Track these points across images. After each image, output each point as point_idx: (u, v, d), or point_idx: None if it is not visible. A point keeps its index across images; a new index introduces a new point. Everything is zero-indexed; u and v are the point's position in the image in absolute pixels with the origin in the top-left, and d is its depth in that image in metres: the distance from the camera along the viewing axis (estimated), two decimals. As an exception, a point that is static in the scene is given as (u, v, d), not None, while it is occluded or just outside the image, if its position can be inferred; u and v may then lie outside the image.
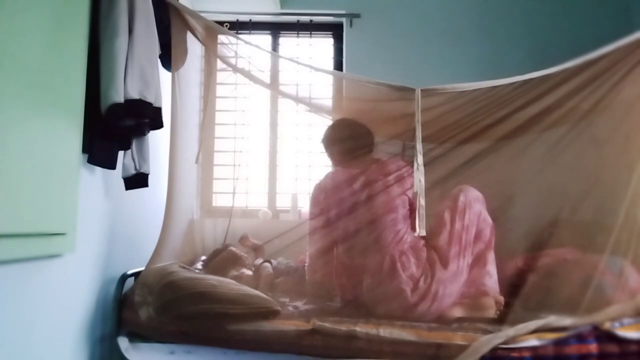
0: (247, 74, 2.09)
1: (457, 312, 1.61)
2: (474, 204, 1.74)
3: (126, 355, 1.46)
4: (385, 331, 1.45)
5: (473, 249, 1.69)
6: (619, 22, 2.69)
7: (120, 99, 1.39)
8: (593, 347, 1.41)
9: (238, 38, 2.01)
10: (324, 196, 1.80)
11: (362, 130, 1.93)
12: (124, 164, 1.66)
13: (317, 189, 1.85)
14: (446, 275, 1.61)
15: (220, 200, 2.75)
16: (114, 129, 1.47)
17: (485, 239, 1.72)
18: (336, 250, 1.77)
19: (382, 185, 1.74)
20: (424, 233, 1.53)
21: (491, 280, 1.68)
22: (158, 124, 1.66)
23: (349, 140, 1.94)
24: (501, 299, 1.66)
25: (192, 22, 1.86)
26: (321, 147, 2.05)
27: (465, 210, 1.71)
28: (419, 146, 1.61)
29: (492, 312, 1.62)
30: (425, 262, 1.63)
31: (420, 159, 1.59)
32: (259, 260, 2.15)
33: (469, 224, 1.70)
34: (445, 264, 1.62)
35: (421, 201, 1.55)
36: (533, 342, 1.41)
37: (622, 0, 2.75)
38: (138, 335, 1.53)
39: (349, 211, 1.73)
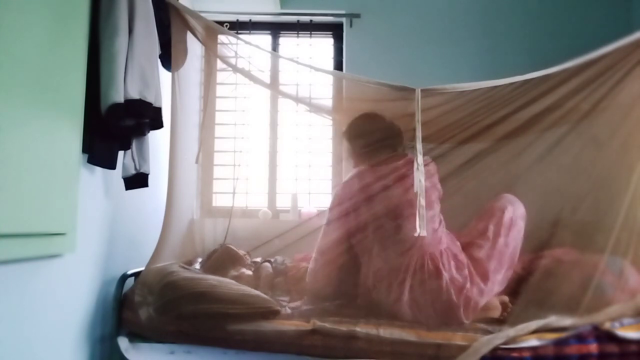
0: (247, 74, 2.09)
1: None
2: (519, 221, 1.72)
3: (126, 355, 1.46)
4: (385, 331, 1.45)
5: (509, 265, 1.68)
6: (619, 22, 2.69)
7: (120, 99, 1.39)
8: (593, 347, 1.41)
9: (238, 38, 2.01)
10: (351, 197, 1.72)
11: (394, 129, 1.88)
12: (124, 164, 1.66)
13: (345, 189, 1.76)
14: (485, 289, 1.59)
15: (220, 200, 2.75)
16: (114, 129, 1.46)
17: (516, 259, 1.70)
18: (365, 255, 1.71)
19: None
20: (424, 233, 1.52)
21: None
22: (158, 124, 1.66)
23: (380, 135, 1.86)
24: (506, 298, 1.66)
25: (192, 22, 1.86)
26: (322, 147, 2.03)
27: (510, 227, 1.69)
28: (419, 146, 1.60)
29: (497, 313, 1.61)
30: (466, 269, 1.60)
31: (420, 159, 1.58)
32: (259, 260, 2.14)
33: (511, 241, 1.68)
34: (485, 279, 1.60)
35: (421, 201, 1.54)
36: (533, 342, 1.41)
37: (622, 0, 2.75)
38: (138, 335, 1.53)
39: (381, 209, 1.67)
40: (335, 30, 2.92)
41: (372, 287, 1.66)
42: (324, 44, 2.96)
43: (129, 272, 1.69)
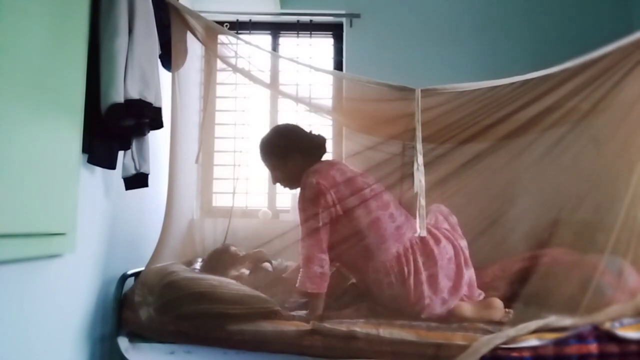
0: (247, 74, 2.09)
1: (467, 310, 1.60)
2: (452, 215, 1.88)
3: (126, 355, 1.46)
4: (385, 331, 1.45)
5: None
6: (619, 22, 2.68)
7: (120, 99, 1.39)
8: (593, 347, 1.41)
9: (238, 38, 2.00)
10: (334, 189, 1.65)
11: (317, 136, 1.92)
12: (124, 164, 1.66)
13: (322, 181, 1.66)
14: (464, 244, 1.74)
15: (220, 200, 2.75)
16: (114, 129, 1.47)
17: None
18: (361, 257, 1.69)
19: (378, 183, 1.75)
20: (424, 233, 1.52)
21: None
22: (158, 124, 1.66)
23: (313, 140, 1.89)
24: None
25: (192, 22, 1.85)
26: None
27: (451, 214, 1.87)
28: (419, 146, 1.60)
29: (500, 314, 1.61)
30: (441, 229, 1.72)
31: (420, 159, 1.58)
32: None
33: (457, 225, 1.85)
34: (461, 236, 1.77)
35: (421, 201, 1.54)
36: (533, 342, 1.41)
37: (622, 0, 2.75)
38: (138, 335, 1.53)
39: (373, 200, 1.68)
40: (335, 30, 2.93)
41: (375, 282, 1.65)
42: (324, 44, 2.96)
43: (129, 272, 1.69)
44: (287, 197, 2.75)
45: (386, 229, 1.65)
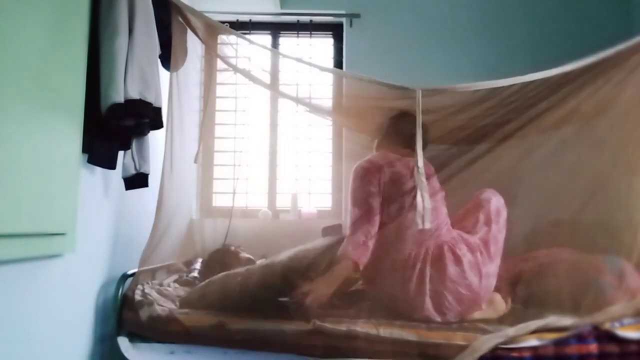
0: (247, 74, 2.09)
1: (476, 314, 1.59)
2: (503, 211, 1.73)
3: (126, 355, 1.46)
4: (385, 331, 1.45)
5: (501, 254, 1.67)
6: (619, 22, 2.69)
7: (120, 99, 1.40)
8: (593, 347, 1.41)
9: (239, 36, 1.99)
10: (378, 177, 1.65)
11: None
12: (124, 164, 1.66)
13: (369, 167, 1.68)
14: (491, 270, 1.61)
15: (220, 200, 2.76)
16: (114, 129, 1.47)
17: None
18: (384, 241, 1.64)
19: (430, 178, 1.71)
20: (428, 226, 1.52)
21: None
22: (158, 124, 1.66)
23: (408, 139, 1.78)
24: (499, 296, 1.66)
25: (193, 20, 1.85)
26: (322, 147, 1.98)
27: (499, 215, 1.70)
28: (420, 151, 1.60)
29: (503, 306, 1.61)
30: (478, 252, 1.61)
31: (420, 162, 1.58)
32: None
33: (502, 228, 1.70)
34: (490, 260, 1.62)
35: (426, 204, 1.54)
36: (533, 342, 1.41)
37: (622, 0, 2.76)
38: (138, 335, 1.53)
39: (410, 197, 1.63)
40: (335, 30, 2.92)
41: (379, 277, 1.64)
42: (324, 44, 2.96)
43: (129, 272, 1.69)
44: (287, 197, 2.75)
45: (408, 229, 1.62)
